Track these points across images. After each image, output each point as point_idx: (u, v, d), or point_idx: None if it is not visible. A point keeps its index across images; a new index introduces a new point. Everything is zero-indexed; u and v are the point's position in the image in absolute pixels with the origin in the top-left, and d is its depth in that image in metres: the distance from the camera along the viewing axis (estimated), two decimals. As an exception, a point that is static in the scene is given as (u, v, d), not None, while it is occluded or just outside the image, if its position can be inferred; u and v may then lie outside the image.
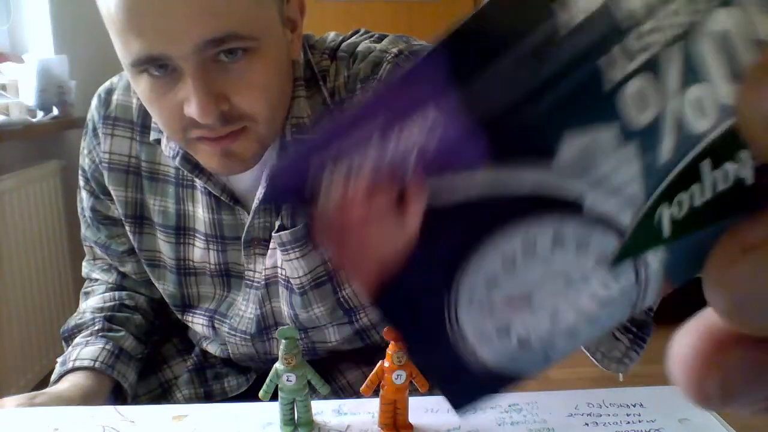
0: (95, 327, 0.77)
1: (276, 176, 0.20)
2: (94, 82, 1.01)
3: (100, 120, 0.77)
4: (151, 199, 0.76)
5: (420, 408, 0.58)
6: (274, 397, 0.55)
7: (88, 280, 0.87)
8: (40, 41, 2.15)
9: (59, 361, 0.74)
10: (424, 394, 0.56)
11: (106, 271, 0.85)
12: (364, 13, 2.58)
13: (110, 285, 0.84)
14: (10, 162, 1.89)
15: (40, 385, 1.82)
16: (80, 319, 0.79)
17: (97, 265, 0.86)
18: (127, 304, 0.82)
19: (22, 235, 1.80)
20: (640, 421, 0.55)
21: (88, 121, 0.79)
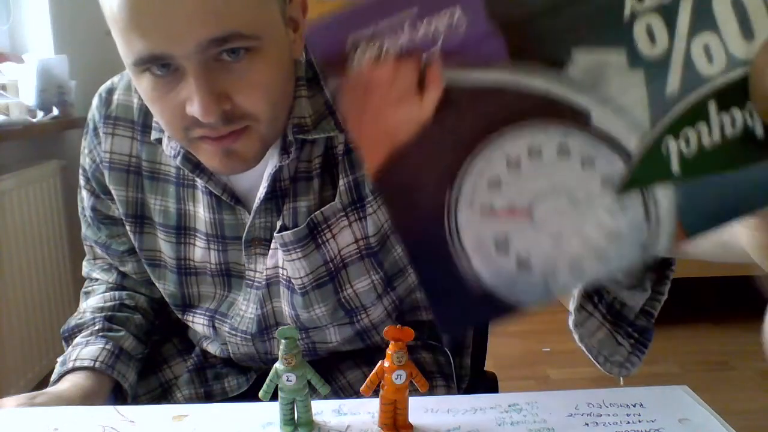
0: (95, 327, 0.77)
1: (313, 34, 0.22)
2: (94, 82, 1.01)
3: (101, 119, 0.77)
4: (152, 198, 0.76)
5: (420, 408, 0.58)
6: (274, 397, 0.55)
7: (89, 280, 0.87)
8: (40, 41, 2.15)
9: (59, 361, 0.74)
10: (424, 394, 0.56)
11: (107, 271, 0.85)
12: (365, 13, 2.58)
13: (110, 285, 0.84)
14: (10, 162, 1.89)
15: (40, 385, 1.82)
16: (80, 318, 0.79)
17: (97, 264, 0.86)
18: (128, 304, 0.82)
19: (22, 235, 1.81)
20: (640, 421, 0.55)
21: (89, 121, 0.79)
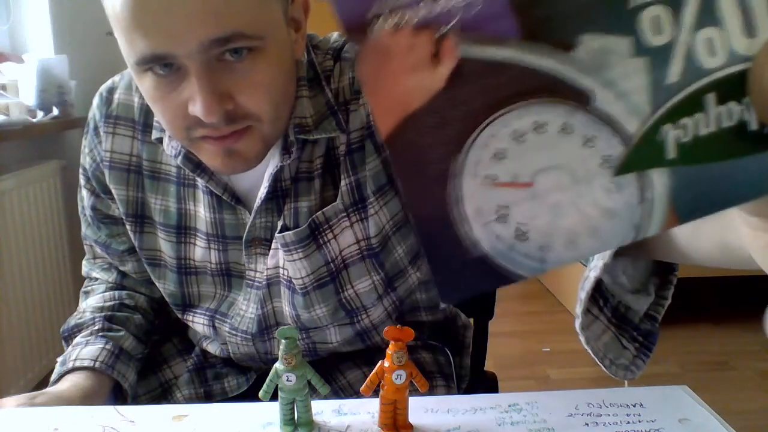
0: (95, 327, 0.77)
1: (339, 1, 0.24)
2: (94, 82, 1.01)
3: (102, 119, 0.77)
4: (153, 198, 0.76)
5: (420, 408, 0.58)
6: (274, 397, 0.55)
7: (88, 279, 0.87)
8: (40, 41, 2.15)
9: (59, 360, 0.74)
10: (424, 394, 0.56)
11: (107, 270, 0.85)
12: (365, 13, 2.58)
13: (110, 284, 0.84)
14: (10, 162, 1.89)
15: (40, 385, 1.82)
16: (80, 318, 0.79)
17: (97, 264, 0.86)
18: (127, 304, 0.82)
19: (22, 235, 1.81)
20: (640, 421, 0.55)
21: (90, 120, 0.79)
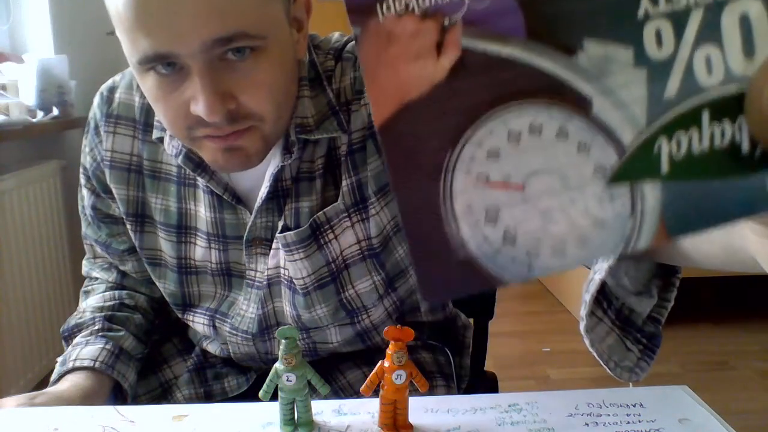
0: (95, 326, 0.77)
1: None
2: (94, 82, 1.01)
3: (102, 118, 0.77)
4: (153, 197, 0.76)
5: (420, 408, 0.58)
6: (274, 397, 0.55)
7: (88, 279, 0.87)
8: (40, 41, 2.15)
9: (59, 360, 0.74)
10: (424, 394, 0.56)
11: (107, 270, 0.85)
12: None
13: (110, 284, 0.84)
14: (10, 162, 1.89)
15: (40, 385, 1.82)
16: (80, 318, 0.79)
17: (97, 263, 0.86)
18: (127, 304, 0.82)
19: (22, 235, 1.81)
20: (640, 421, 0.55)
21: (90, 119, 0.79)
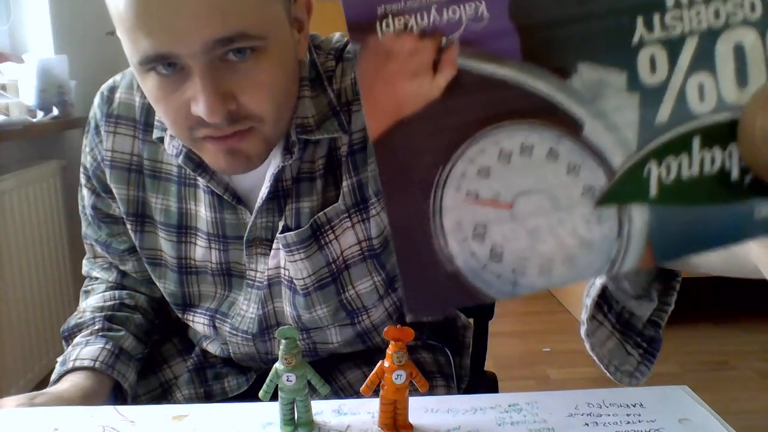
0: (95, 326, 0.77)
1: None
2: (94, 82, 1.01)
3: (103, 118, 0.77)
4: (153, 197, 0.76)
5: (420, 408, 0.58)
6: (274, 397, 0.55)
7: (88, 279, 0.87)
8: (40, 41, 2.15)
9: (59, 360, 0.74)
10: (424, 394, 0.56)
11: (107, 270, 0.85)
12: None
13: (110, 284, 0.84)
14: (10, 162, 1.89)
15: (40, 385, 1.82)
16: (80, 318, 0.79)
17: (97, 263, 0.86)
18: (127, 304, 0.82)
19: (22, 235, 1.81)
20: (640, 421, 0.55)
21: (90, 119, 0.79)
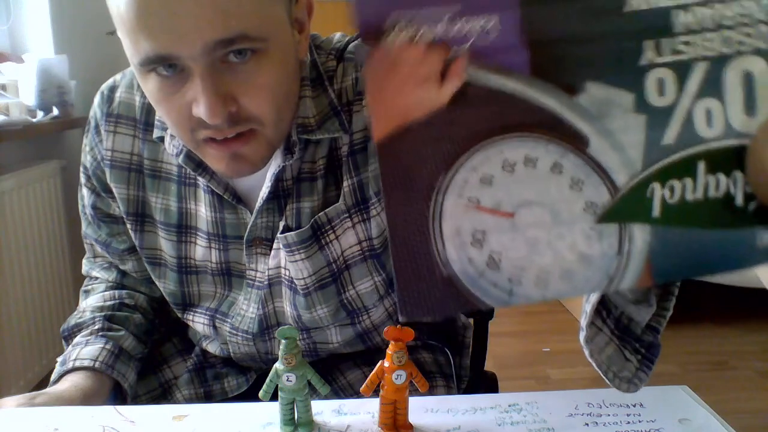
0: (95, 326, 0.77)
1: (361, 1, 0.25)
2: (94, 82, 1.01)
3: (103, 117, 0.77)
4: (153, 196, 0.76)
5: (420, 408, 0.58)
6: (274, 397, 0.55)
7: (88, 278, 0.87)
8: (40, 41, 2.15)
9: (59, 360, 0.74)
10: (424, 394, 0.56)
11: (107, 269, 0.85)
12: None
13: (110, 283, 0.84)
14: (10, 162, 1.89)
15: (40, 385, 1.82)
16: (80, 318, 0.79)
17: (97, 262, 0.86)
18: (127, 303, 0.82)
19: (22, 235, 1.80)
20: (640, 421, 0.55)
21: (91, 119, 0.79)
